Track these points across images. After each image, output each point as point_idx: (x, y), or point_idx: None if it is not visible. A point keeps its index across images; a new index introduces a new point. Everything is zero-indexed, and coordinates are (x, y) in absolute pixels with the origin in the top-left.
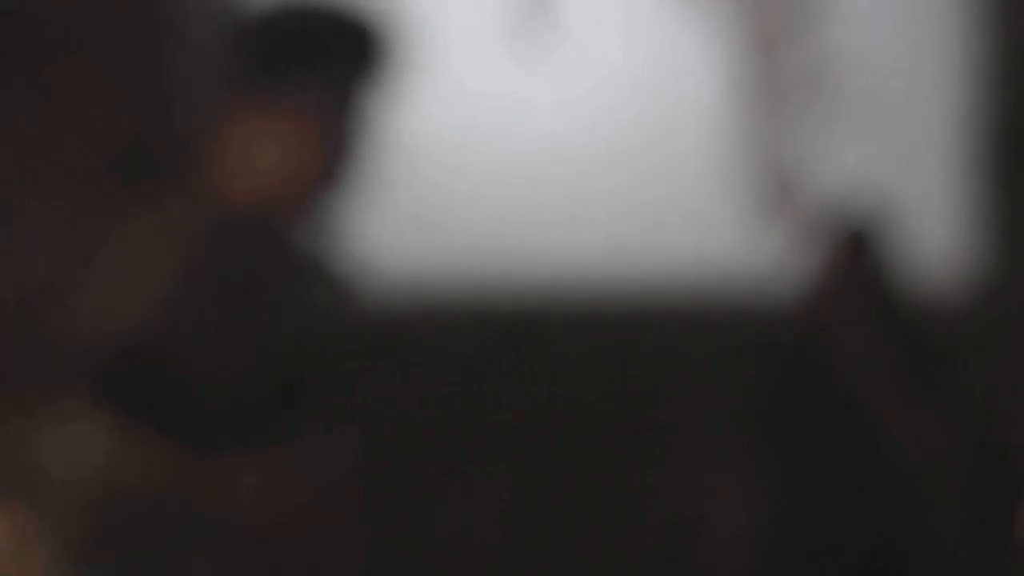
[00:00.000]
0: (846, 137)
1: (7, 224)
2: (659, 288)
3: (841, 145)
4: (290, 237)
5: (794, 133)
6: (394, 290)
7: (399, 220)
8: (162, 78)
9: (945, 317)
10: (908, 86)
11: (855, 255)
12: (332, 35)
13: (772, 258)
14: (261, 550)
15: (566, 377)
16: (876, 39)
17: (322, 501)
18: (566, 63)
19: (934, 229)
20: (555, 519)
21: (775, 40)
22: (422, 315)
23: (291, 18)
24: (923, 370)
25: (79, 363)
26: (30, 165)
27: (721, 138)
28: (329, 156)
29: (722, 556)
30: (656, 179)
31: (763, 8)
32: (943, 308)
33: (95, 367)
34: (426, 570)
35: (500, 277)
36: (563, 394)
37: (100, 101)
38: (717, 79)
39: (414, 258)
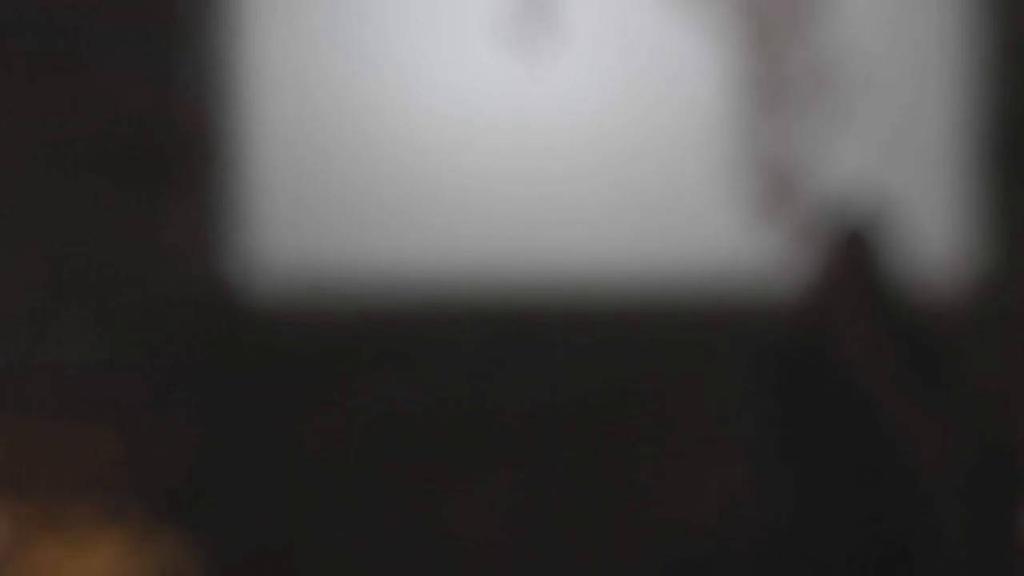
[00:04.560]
0: (846, 137)
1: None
2: (659, 288)
3: (841, 145)
4: None
5: (794, 133)
6: (393, 290)
7: (397, 219)
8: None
9: (945, 317)
10: (908, 86)
11: (855, 254)
12: None
13: (772, 258)
14: None
15: (566, 377)
16: (876, 39)
17: None
18: (566, 63)
19: (934, 229)
20: (555, 519)
21: (775, 41)
22: (422, 315)
23: None
24: (923, 369)
25: None
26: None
27: (721, 138)
28: None
29: (722, 555)
30: (656, 179)
31: (763, 9)
32: (943, 308)
33: None
34: (427, 569)
35: (499, 277)
36: (563, 394)
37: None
38: (717, 79)
39: (413, 257)
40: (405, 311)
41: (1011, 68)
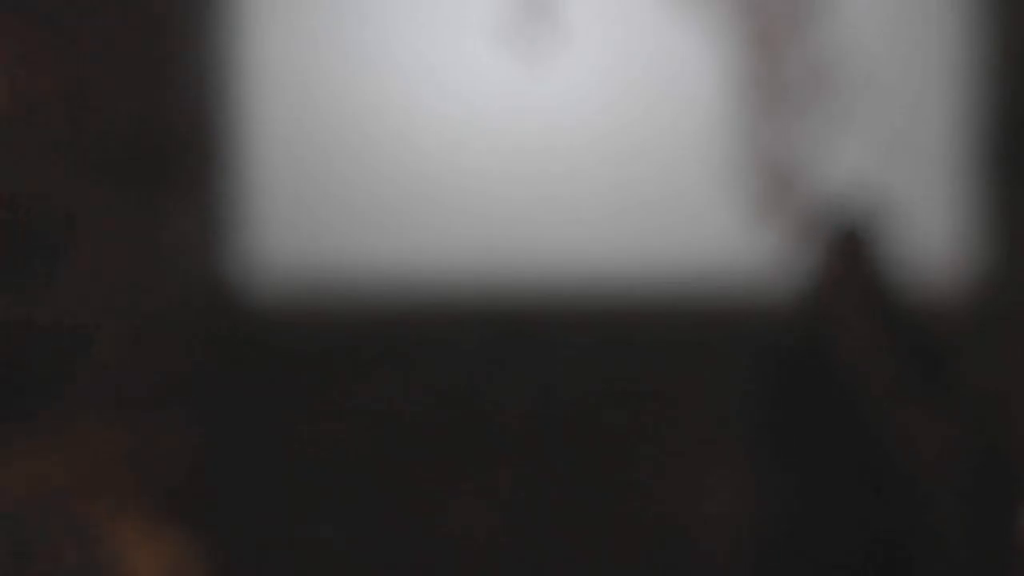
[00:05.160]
0: (846, 137)
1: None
2: (659, 288)
3: (841, 145)
4: None
5: (794, 133)
6: (393, 290)
7: (397, 219)
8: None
9: (945, 317)
10: (908, 86)
11: (854, 254)
12: None
13: (772, 258)
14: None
15: (566, 377)
16: (876, 39)
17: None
18: (566, 63)
19: (934, 229)
20: (555, 519)
21: (775, 41)
22: (422, 315)
23: None
24: (923, 369)
25: None
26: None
27: (721, 138)
28: None
29: (722, 555)
30: (656, 179)
31: (763, 9)
32: (943, 308)
33: None
34: (427, 569)
35: (499, 277)
36: (563, 394)
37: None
38: (717, 79)
39: (413, 257)
40: (405, 311)
41: (1011, 68)
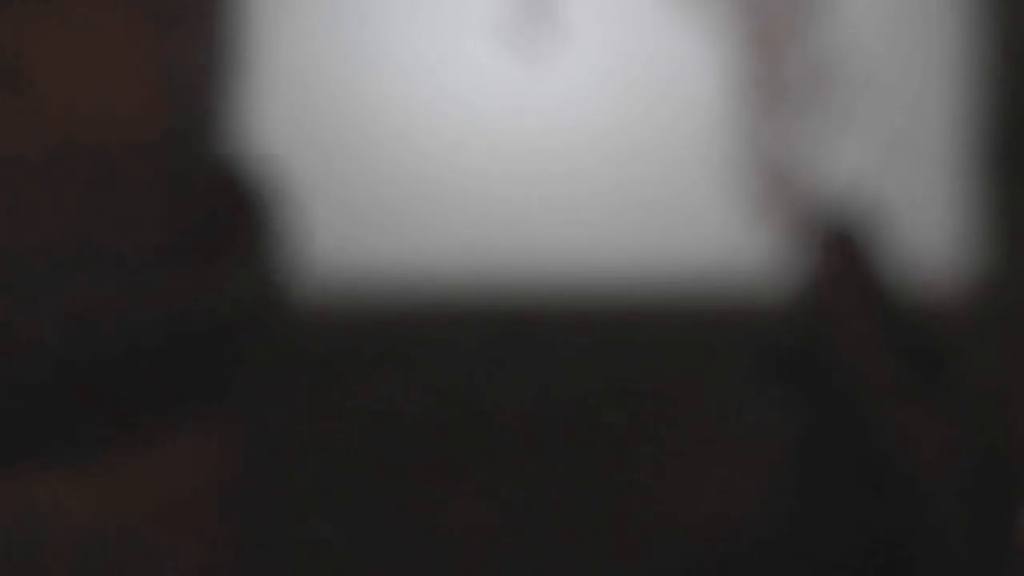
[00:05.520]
0: (846, 137)
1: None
2: (659, 288)
3: (841, 145)
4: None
5: (794, 133)
6: (393, 290)
7: (397, 219)
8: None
9: (945, 317)
10: (908, 86)
11: (853, 254)
12: None
13: (772, 258)
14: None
15: (566, 377)
16: (876, 39)
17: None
18: (566, 63)
19: (934, 229)
20: (555, 519)
21: (775, 41)
22: (422, 315)
23: None
24: (923, 369)
25: None
26: None
27: (721, 138)
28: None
29: (722, 555)
30: (656, 179)
31: (763, 8)
32: (943, 308)
33: None
34: (427, 569)
35: (499, 277)
36: (563, 394)
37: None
38: (717, 79)
39: (413, 257)
40: (405, 311)
41: (1011, 68)
